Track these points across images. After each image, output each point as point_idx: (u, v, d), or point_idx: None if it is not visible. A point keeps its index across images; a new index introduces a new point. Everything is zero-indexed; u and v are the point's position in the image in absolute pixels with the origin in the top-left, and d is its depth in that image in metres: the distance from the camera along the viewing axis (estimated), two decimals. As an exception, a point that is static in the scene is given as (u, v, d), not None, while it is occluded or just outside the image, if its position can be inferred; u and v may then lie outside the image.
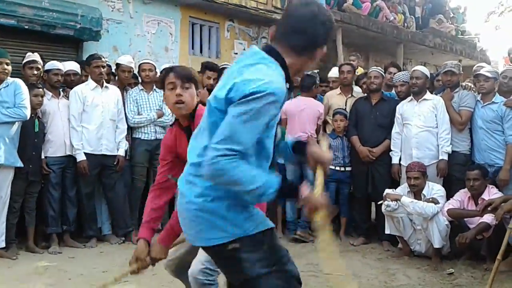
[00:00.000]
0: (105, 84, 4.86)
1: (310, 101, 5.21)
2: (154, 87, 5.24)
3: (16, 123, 4.28)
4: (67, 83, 4.90)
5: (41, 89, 4.44)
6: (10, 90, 4.24)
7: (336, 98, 5.35)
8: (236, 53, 8.10)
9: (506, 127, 4.44)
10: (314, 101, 5.26)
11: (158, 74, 5.39)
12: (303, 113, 5.08)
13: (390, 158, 4.88)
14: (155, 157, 5.12)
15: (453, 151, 4.65)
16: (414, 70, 4.90)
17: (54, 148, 4.63)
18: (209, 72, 5.07)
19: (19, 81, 4.34)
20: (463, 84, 4.90)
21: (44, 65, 4.72)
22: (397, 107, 4.84)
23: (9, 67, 4.32)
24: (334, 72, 5.81)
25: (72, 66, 4.98)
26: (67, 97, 4.76)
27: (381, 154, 4.87)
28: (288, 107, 4.87)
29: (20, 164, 4.25)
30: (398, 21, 10.66)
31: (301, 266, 4.07)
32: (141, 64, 5.26)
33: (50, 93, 4.68)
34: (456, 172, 4.60)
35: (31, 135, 4.43)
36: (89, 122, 4.72)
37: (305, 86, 5.23)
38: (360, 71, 6.16)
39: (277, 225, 5.25)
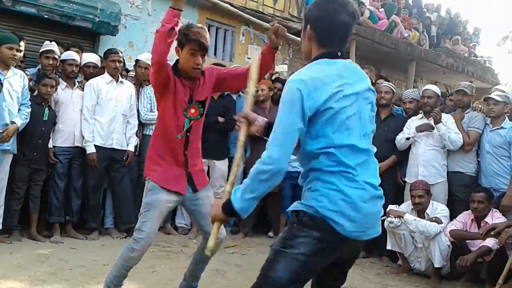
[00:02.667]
0: (120, 78, 4.90)
1: None
2: None
3: None
4: (85, 75, 4.94)
5: (51, 79, 4.43)
6: (17, 80, 4.21)
7: None
8: (250, 58, 8.14)
9: None
10: None
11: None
12: None
13: (396, 174, 4.88)
14: (164, 155, 5.16)
15: (458, 172, 4.66)
16: (426, 89, 4.90)
17: (63, 138, 4.65)
18: None
19: (24, 76, 4.33)
20: (473, 105, 4.92)
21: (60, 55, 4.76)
22: (408, 121, 4.86)
23: (19, 54, 4.31)
24: None
25: (92, 58, 5.01)
26: (82, 89, 4.79)
27: (387, 169, 4.87)
28: None
29: (14, 151, 4.23)
30: (412, 38, 10.69)
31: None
32: None
33: (65, 83, 4.70)
34: (460, 193, 4.61)
35: (39, 123, 4.44)
36: (102, 115, 4.75)
37: None
38: None
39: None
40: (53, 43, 4.77)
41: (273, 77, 6.43)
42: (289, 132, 1.81)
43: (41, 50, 4.72)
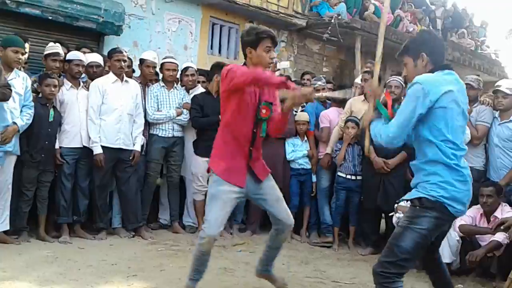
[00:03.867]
0: (125, 78, 4.89)
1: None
2: (175, 84, 5.29)
3: None
4: (89, 74, 4.93)
5: (53, 79, 4.41)
6: (19, 82, 4.20)
7: (359, 105, 5.27)
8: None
9: None
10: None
11: (179, 72, 5.45)
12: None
13: (405, 170, 4.85)
14: (171, 154, 5.17)
15: (467, 166, 4.61)
16: None
17: (69, 139, 4.65)
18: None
19: (27, 77, 4.33)
20: (481, 99, 4.87)
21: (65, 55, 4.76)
22: None
23: (24, 57, 4.30)
24: (359, 78, 5.80)
25: (95, 58, 5.00)
26: (87, 88, 4.79)
27: (396, 166, 4.84)
28: (332, 115, 5.43)
29: (17, 152, 4.24)
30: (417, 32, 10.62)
31: (308, 272, 4.11)
32: (165, 63, 5.25)
33: (70, 83, 4.68)
34: (469, 187, 4.57)
35: (45, 124, 4.43)
36: (108, 115, 4.74)
37: (337, 99, 5.46)
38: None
39: (302, 228, 5.40)
40: (57, 44, 4.75)
41: (275, 74, 6.38)
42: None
43: (46, 53, 4.69)
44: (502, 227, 3.89)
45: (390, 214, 4.47)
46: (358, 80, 5.81)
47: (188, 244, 4.73)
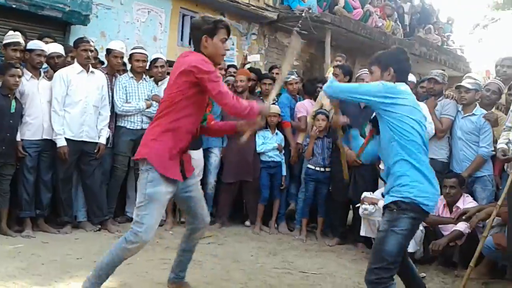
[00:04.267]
0: (91, 68, 4.78)
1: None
2: (144, 76, 5.20)
3: None
4: (51, 65, 4.79)
5: (18, 69, 4.28)
6: None
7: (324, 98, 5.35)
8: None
9: (481, 138, 4.52)
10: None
11: (148, 63, 5.36)
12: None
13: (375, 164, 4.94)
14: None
15: (431, 159, 4.63)
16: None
17: (31, 131, 4.51)
18: None
19: None
20: (446, 93, 4.99)
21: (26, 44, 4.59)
22: None
23: None
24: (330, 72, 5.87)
25: (56, 48, 4.85)
26: (48, 79, 4.66)
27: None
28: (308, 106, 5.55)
29: None
30: (386, 27, 10.77)
31: (276, 263, 4.14)
32: (133, 53, 5.14)
33: (30, 74, 4.52)
34: (433, 178, 4.68)
35: (7, 116, 4.29)
36: (72, 107, 4.63)
37: (309, 91, 5.70)
38: (330, 70, 6.18)
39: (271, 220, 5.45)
40: (17, 33, 4.57)
41: (245, 67, 6.38)
42: None
43: (6, 42, 4.51)
44: (463, 217, 4.00)
45: (357, 206, 4.55)
46: (329, 74, 5.87)
47: (156, 237, 4.67)
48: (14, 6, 5.61)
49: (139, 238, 2.75)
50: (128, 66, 5.30)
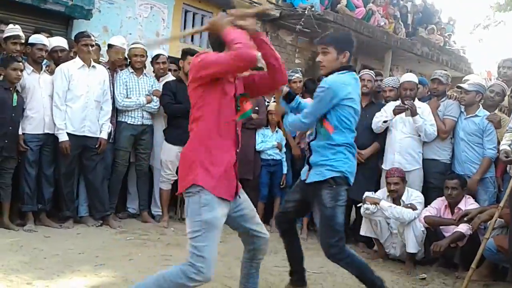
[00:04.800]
0: (92, 63, 4.76)
1: None
2: (144, 71, 5.20)
3: None
4: (54, 59, 4.78)
5: (20, 63, 4.28)
6: None
7: None
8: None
9: (485, 140, 4.52)
10: None
11: (149, 59, 5.36)
12: None
13: (376, 162, 4.94)
14: (140, 142, 5.10)
15: (433, 159, 4.73)
16: (407, 81, 4.82)
17: (33, 125, 4.51)
18: (190, 57, 5.04)
19: None
20: (449, 93, 4.99)
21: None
22: (384, 108, 4.90)
23: None
24: None
25: (59, 42, 4.83)
26: (49, 73, 4.65)
27: (369, 157, 4.91)
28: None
29: None
30: (388, 27, 10.76)
31: (277, 261, 4.14)
32: (133, 48, 5.14)
33: (31, 68, 4.51)
34: (435, 180, 4.67)
35: (9, 109, 4.29)
36: (74, 102, 4.62)
37: (309, 90, 5.58)
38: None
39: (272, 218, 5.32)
40: (17, 26, 4.56)
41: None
42: None
43: (6, 35, 4.48)
44: (465, 219, 4.00)
45: (358, 205, 4.55)
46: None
47: (157, 233, 4.69)
48: (17, -1, 5.58)
49: (203, 276, 2.31)
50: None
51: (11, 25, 4.57)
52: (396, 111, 4.70)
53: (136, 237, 4.51)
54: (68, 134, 4.58)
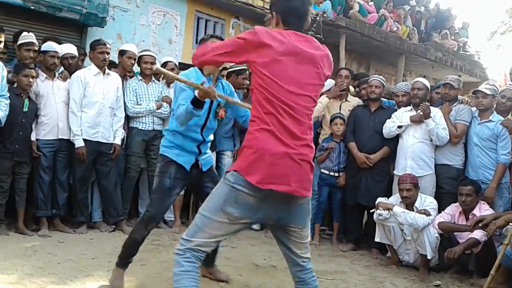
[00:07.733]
0: (107, 70, 4.83)
1: None
2: (153, 78, 5.24)
3: None
4: (65, 66, 4.86)
5: (32, 70, 4.34)
6: None
7: (330, 102, 5.33)
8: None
9: (499, 146, 4.47)
10: None
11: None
12: None
13: (387, 167, 4.91)
14: (151, 148, 5.13)
15: (446, 165, 4.68)
16: (416, 81, 4.94)
17: (46, 131, 4.56)
18: None
19: (3, 67, 4.23)
20: (460, 98, 4.95)
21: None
22: (395, 113, 4.88)
23: (0, 45, 4.24)
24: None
25: (70, 49, 4.90)
26: (63, 79, 4.72)
27: (378, 161, 4.89)
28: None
29: None
30: (401, 32, 10.71)
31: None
32: (142, 55, 5.19)
33: (44, 75, 4.58)
34: (447, 185, 4.63)
35: (19, 114, 4.34)
36: (89, 108, 4.68)
37: None
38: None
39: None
40: (31, 34, 4.65)
41: None
42: None
43: (20, 42, 4.58)
44: (480, 225, 3.95)
45: (372, 211, 4.52)
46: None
47: (169, 239, 4.70)
48: (32, 7, 5.68)
49: None
50: (136, 68, 5.32)
51: (25, 33, 4.66)
52: (413, 119, 4.67)
53: (148, 242, 4.49)
54: (84, 140, 4.63)
